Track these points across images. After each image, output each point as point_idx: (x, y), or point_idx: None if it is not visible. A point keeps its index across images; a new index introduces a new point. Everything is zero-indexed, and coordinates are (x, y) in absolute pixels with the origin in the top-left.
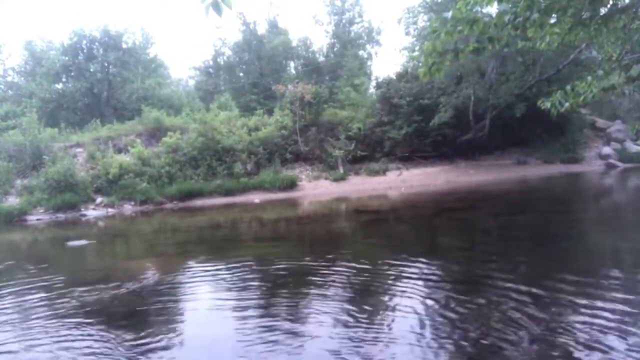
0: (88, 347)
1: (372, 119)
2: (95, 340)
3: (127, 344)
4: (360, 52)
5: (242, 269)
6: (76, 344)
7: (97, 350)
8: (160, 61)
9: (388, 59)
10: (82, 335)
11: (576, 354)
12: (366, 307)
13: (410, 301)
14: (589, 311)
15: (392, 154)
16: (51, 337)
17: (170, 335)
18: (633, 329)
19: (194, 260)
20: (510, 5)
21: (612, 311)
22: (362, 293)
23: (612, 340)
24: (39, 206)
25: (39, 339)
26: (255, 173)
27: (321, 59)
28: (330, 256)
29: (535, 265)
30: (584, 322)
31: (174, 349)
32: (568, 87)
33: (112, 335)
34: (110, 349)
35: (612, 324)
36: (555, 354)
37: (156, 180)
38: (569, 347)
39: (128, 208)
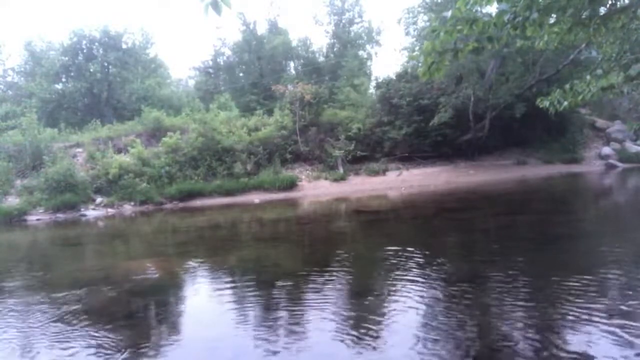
0: (88, 347)
1: (372, 119)
2: (95, 341)
3: (127, 344)
4: (360, 52)
5: (242, 269)
6: (76, 344)
7: (97, 351)
8: (160, 61)
9: (388, 59)
10: (82, 335)
11: (577, 354)
12: (366, 308)
13: (410, 301)
14: (589, 311)
15: (392, 154)
16: (51, 337)
17: (171, 335)
18: (633, 329)
19: (193, 260)
20: (509, 5)
21: (612, 311)
22: (362, 293)
23: (613, 340)
24: (39, 206)
25: (38, 339)
26: (255, 173)
27: (321, 59)
28: (330, 256)
29: (536, 266)
30: (584, 323)
31: (174, 349)
32: (567, 86)
33: (112, 336)
34: (111, 349)
35: (612, 324)
36: (556, 354)
37: (156, 181)
38: (569, 347)
39: (128, 208)
